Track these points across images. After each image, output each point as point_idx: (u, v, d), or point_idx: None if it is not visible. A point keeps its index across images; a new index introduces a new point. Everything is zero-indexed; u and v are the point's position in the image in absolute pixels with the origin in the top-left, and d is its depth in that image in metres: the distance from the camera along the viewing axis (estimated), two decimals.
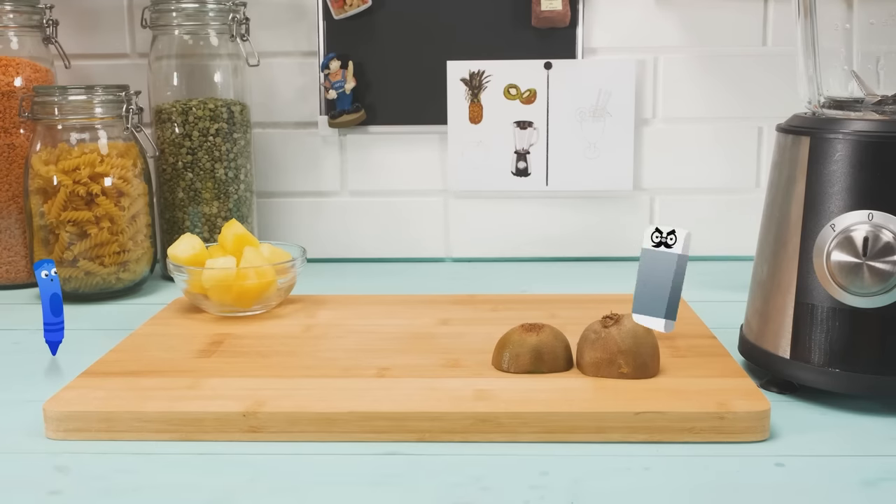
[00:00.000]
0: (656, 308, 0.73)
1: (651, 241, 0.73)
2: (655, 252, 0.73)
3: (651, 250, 0.73)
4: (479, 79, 1.20)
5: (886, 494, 0.58)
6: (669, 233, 0.72)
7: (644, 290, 0.74)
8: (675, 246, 0.72)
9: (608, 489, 0.59)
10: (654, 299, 0.73)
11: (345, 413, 0.66)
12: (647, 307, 0.73)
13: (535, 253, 1.25)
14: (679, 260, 0.72)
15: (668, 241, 0.72)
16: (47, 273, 0.84)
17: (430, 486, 0.59)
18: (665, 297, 0.73)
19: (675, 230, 0.72)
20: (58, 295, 0.84)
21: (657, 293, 0.73)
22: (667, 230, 0.72)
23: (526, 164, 1.21)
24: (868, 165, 0.68)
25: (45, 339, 0.84)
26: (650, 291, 0.73)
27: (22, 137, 1.09)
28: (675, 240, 0.72)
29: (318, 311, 0.93)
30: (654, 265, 0.73)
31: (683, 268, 0.73)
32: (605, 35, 1.20)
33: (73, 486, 0.60)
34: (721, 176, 1.22)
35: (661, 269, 0.73)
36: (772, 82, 1.20)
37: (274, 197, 1.25)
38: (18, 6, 1.10)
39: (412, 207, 1.24)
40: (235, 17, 1.10)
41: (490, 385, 0.71)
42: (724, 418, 0.65)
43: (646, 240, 0.74)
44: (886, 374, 0.68)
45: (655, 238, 0.73)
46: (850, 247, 0.68)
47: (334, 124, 1.21)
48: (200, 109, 1.10)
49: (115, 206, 1.03)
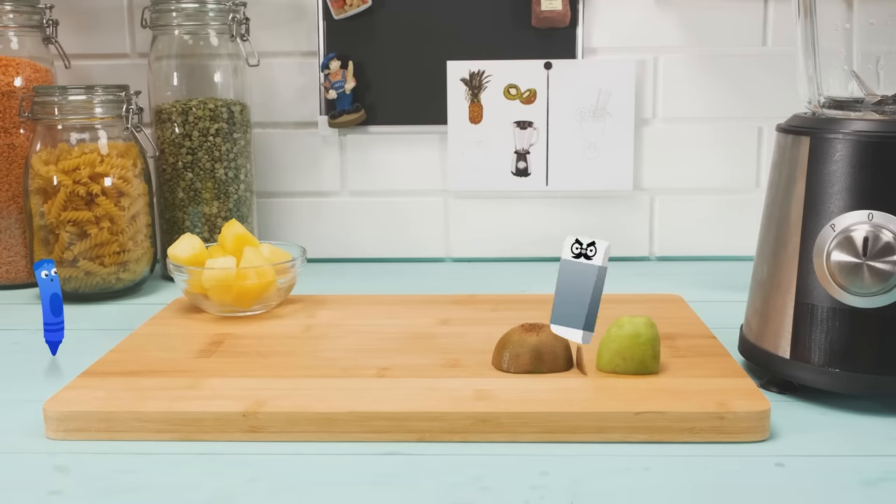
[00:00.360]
0: (575, 319, 0.72)
1: (571, 251, 0.72)
2: (575, 263, 0.71)
3: (570, 261, 0.72)
4: (479, 79, 1.20)
5: (886, 494, 0.58)
6: (590, 244, 0.71)
7: (563, 301, 0.72)
8: (595, 258, 0.71)
9: (608, 489, 0.59)
10: (573, 311, 0.72)
11: (345, 413, 0.66)
12: (566, 318, 0.72)
13: (535, 253, 1.25)
14: (599, 272, 0.71)
15: (587, 252, 0.71)
16: (47, 273, 0.84)
17: (430, 486, 0.59)
18: (584, 309, 0.71)
19: (595, 242, 0.71)
20: (58, 295, 0.84)
21: (576, 305, 0.72)
22: (587, 241, 0.71)
23: (526, 164, 1.21)
24: (868, 165, 0.68)
25: (45, 339, 0.84)
26: (569, 303, 0.72)
27: (22, 137, 1.09)
28: (595, 251, 0.71)
29: (318, 311, 0.93)
30: (573, 276, 0.72)
31: (603, 279, 0.71)
32: (605, 35, 1.20)
33: (73, 486, 0.60)
34: (721, 176, 1.22)
35: (580, 281, 0.71)
36: (772, 82, 1.20)
37: (274, 197, 1.25)
38: (18, 6, 1.10)
39: (412, 207, 1.24)
40: (235, 17, 1.10)
41: (490, 385, 0.71)
42: (724, 418, 0.65)
43: (565, 250, 0.72)
44: (886, 374, 0.68)
45: (575, 249, 0.71)
46: (850, 247, 0.68)
47: (334, 124, 1.21)
48: (200, 109, 1.10)
49: (115, 206, 1.03)
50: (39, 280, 0.84)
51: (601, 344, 0.74)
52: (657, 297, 0.97)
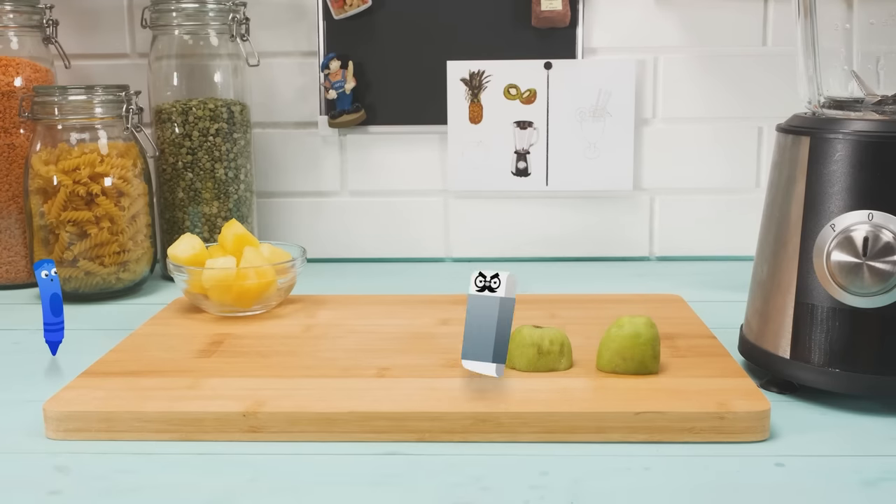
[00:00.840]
0: (484, 353, 0.71)
1: (475, 285, 0.71)
2: (480, 297, 0.71)
3: (476, 295, 0.71)
4: (479, 79, 1.20)
5: (886, 494, 0.58)
6: (493, 276, 0.71)
7: (471, 335, 0.71)
8: (499, 289, 0.71)
9: (608, 489, 0.59)
10: (482, 344, 0.70)
11: (345, 413, 0.66)
12: (476, 352, 0.71)
13: (535, 253, 1.25)
14: (502, 303, 0.70)
15: (492, 284, 0.71)
16: (47, 273, 0.84)
17: (430, 486, 0.59)
18: (491, 342, 0.70)
19: (498, 273, 0.71)
20: (58, 295, 0.84)
21: (484, 338, 0.70)
22: (490, 274, 0.71)
23: (526, 164, 1.21)
24: (868, 165, 0.68)
25: (45, 339, 0.84)
26: (477, 336, 0.71)
27: (22, 137, 1.09)
28: (498, 283, 0.71)
29: (318, 311, 0.93)
30: (479, 310, 0.71)
31: (509, 310, 0.70)
32: (605, 35, 1.20)
33: (73, 486, 0.60)
34: (721, 176, 1.22)
35: (486, 314, 0.70)
36: (772, 82, 1.20)
37: (274, 197, 1.25)
38: (18, 6, 1.10)
39: (412, 207, 1.24)
40: (235, 17, 1.10)
41: (490, 385, 0.71)
42: (724, 418, 0.65)
43: (471, 285, 0.72)
44: (886, 374, 0.68)
45: (479, 282, 0.71)
46: (850, 247, 0.68)
47: (334, 124, 1.21)
48: (200, 109, 1.10)
49: (115, 206, 1.03)
50: (39, 280, 0.84)
51: (601, 344, 0.74)
52: (657, 297, 0.97)
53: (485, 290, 0.70)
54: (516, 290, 0.71)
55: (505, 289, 0.70)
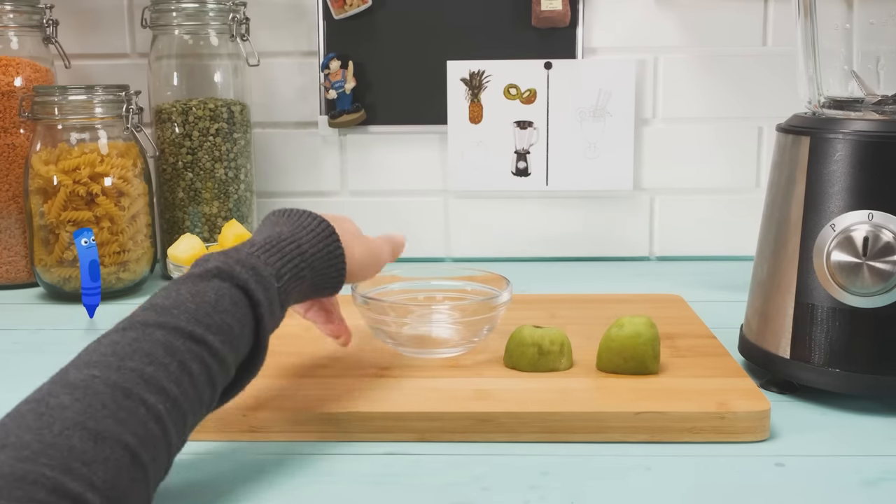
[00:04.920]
0: None
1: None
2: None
3: None
4: (479, 79, 1.20)
5: (886, 494, 0.58)
6: None
7: None
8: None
9: (608, 489, 0.59)
10: None
11: (345, 413, 0.66)
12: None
13: (535, 253, 1.25)
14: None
15: None
16: (87, 241, 0.86)
17: (430, 486, 0.59)
18: None
19: None
20: (95, 261, 0.87)
21: None
22: None
23: (526, 163, 1.21)
24: (868, 165, 0.68)
25: (83, 302, 0.89)
26: None
27: (22, 137, 1.09)
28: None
29: None
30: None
31: None
32: (605, 35, 1.20)
33: None
34: (721, 176, 1.22)
35: None
36: (772, 82, 1.20)
37: (274, 197, 1.25)
38: (18, 6, 1.10)
39: (412, 207, 1.24)
40: (235, 17, 1.10)
41: (490, 385, 0.71)
42: (724, 418, 0.65)
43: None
44: (886, 374, 0.68)
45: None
46: (850, 247, 0.68)
47: (334, 124, 1.21)
48: (200, 109, 1.10)
49: (115, 206, 1.03)
50: (79, 247, 0.85)
51: (601, 344, 0.74)
52: (657, 297, 0.97)
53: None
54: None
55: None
